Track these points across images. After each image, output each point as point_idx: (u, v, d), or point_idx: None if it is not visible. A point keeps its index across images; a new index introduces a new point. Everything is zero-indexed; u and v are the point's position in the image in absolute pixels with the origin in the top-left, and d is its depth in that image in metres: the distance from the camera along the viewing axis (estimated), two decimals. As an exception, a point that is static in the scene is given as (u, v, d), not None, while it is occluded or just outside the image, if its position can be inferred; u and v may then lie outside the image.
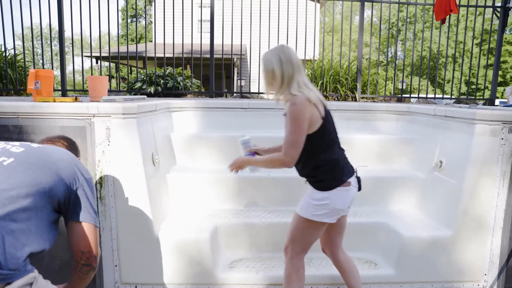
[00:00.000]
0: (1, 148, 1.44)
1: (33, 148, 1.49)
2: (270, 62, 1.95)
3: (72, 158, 1.57)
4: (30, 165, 1.39)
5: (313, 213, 1.98)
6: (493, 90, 5.19)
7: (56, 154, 1.51)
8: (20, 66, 5.44)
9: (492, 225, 2.67)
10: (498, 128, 2.60)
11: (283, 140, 1.91)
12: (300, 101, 1.86)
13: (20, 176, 1.34)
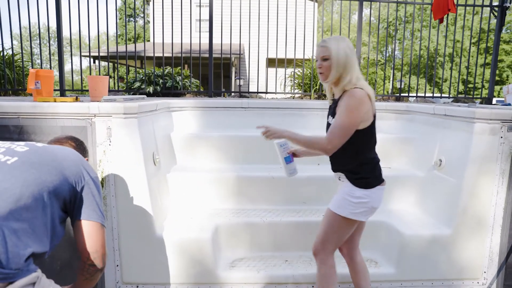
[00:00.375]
0: (5, 148, 1.43)
1: (37, 147, 1.48)
2: (341, 48, 1.89)
3: (78, 157, 1.56)
4: (33, 164, 1.38)
5: (352, 211, 1.95)
6: (491, 89, 5.22)
7: (61, 154, 1.50)
8: (18, 66, 5.42)
9: (491, 223, 2.68)
10: (497, 126, 2.62)
11: (330, 128, 1.89)
12: (360, 94, 1.84)
13: (24, 175, 1.33)
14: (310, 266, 2.73)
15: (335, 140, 1.85)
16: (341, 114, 1.85)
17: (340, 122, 1.84)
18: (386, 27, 4.30)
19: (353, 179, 1.96)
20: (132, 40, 20.25)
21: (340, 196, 2.01)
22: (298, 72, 6.57)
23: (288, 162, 2.11)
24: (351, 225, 2.00)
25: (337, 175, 2.09)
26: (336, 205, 2.01)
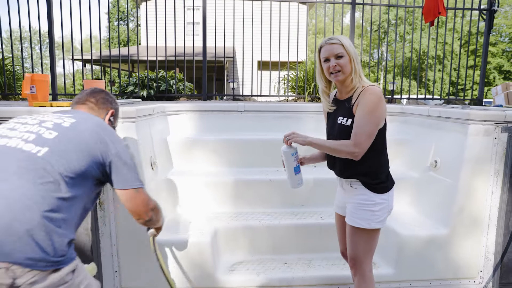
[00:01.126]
0: (35, 135, 1.41)
1: (65, 130, 1.46)
2: (351, 45, 1.83)
3: (102, 131, 1.54)
4: (64, 153, 1.38)
5: (377, 220, 1.88)
6: (481, 91, 5.32)
7: (87, 132, 1.49)
8: (8, 70, 5.34)
9: (486, 223, 2.73)
10: (491, 128, 2.67)
11: (355, 129, 1.79)
12: (379, 91, 1.78)
13: (56, 166, 1.35)
14: (309, 269, 2.74)
15: (363, 142, 1.76)
16: (364, 114, 1.77)
17: (365, 122, 1.76)
18: (378, 30, 4.37)
19: (372, 185, 1.87)
20: (123, 43, 20.09)
21: (356, 207, 1.91)
22: (291, 75, 6.60)
23: (297, 173, 2.01)
24: (378, 232, 1.95)
25: (348, 182, 1.96)
26: (358, 219, 1.90)
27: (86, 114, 1.63)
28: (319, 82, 1.98)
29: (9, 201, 1.21)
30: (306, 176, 3.10)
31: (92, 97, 1.77)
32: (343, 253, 2.27)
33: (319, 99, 5.21)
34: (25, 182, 1.26)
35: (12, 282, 1.15)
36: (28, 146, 1.35)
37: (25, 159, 1.32)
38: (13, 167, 1.29)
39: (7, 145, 1.35)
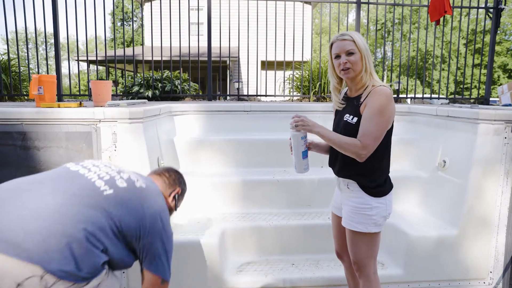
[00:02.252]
0: (110, 177, 1.53)
1: (134, 188, 1.55)
2: (363, 42, 1.77)
3: (161, 211, 1.59)
4: (124, 205, 1.47)
5: (374, 224, 1.84)
6: (487, 90, 5.28)
7: (149, 203, 1.56)
8: (14, 71, 5.35)
9: (496, 223, 2.70)
10: (501, 127, 2.64)
11: (363, 130, 1.73)
12: (389, 93, 1.73)
13: (110, 210, 1.43)
14: (317, 269, 2.72)
15: (370, 144, 1.71)
16: (373, 115, 1.71)
17: (373, 124, 1.71)
18: (384, 29, 4.34)
19: (369, 188, 1.83)
20: (127, 44, 20.15)
21: (352, 211, 1.87)
22: (296, 74, 6.58)
23: (305, 157, 1.94)
24: (378, 235, 1.90)
25: (345, 182, 1.91)
26: (354, 223, 1.86)
27: (157, 190, 1.69)
28: (331, 79, 1.93)
29: (61, 215, 1.30)
30: (312, 176, 3.13)
31: (167, 173, 1.92)
32: (338, 253, 2.23)
33: (325, 99, 5.20)
34: (80, 206, 1.36)
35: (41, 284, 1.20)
36: (99, 182, 1.47)
37: (91, 188, 1.44)
38: (78, 190, 1.41)
39: (85, 175, 1.49)
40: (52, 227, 1.26)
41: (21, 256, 1.19)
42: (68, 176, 1.49)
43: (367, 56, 1.78)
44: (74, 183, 1.45)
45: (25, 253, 1.20)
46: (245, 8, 4.79)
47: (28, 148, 2.42)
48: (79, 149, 2.43)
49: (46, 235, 1.24)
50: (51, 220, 1.28)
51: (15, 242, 1.20)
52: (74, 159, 2.43)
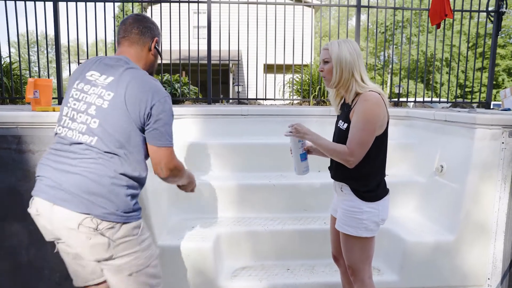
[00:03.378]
0: (86, 126, 1.57)
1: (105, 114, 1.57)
2: (343, 50, 1.80)
3: (151, 95, 1.59)
4: (111, 135, 1.55)
5: (365, 229, 1.83)
6: (489, 93, 5.24)
7: (128, 105, 1.57)
8: (16, 75, 5.39)
9: (494, 229, 2.67)
10: (499, 132, 2.61)
11: (349, 137, 1.76)
12: (375, 98, 1.75)
13: (110, 146, 1.55)
14: (312, 275, 2.70)
15: (357, 151, 1.73)
16: (358, 121, 1.74)
17: (359, 130, 1.73)
18: (384, 32, 4.33)
19: (360, 192, 1.84)
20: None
21: (344, 213, 1.88)
22: (296, 78, 6.58)
23: (303, 160, 2.01)
24: (372, 240, 1.90)
25: (339, 185, 1.94)
26: (346, 226, 1.87)
27: (123, 80, 1.61)
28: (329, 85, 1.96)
29: (91, 177, 1.51)
30: (309, 181, 3.11)
31: (135, 28, 1.74)
32: (335, 256, 2.22)
33: (325, 103, 5.18)
34: (101, 160, 1.53)
35: (97, 226, 1.50)
36: (84, 138, 1.55)
37: (90, 148, 1.55)
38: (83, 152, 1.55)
39: (76, 139, 1.57)
40: (92, 184, 1.51)
41: (74, 207, 1.48)
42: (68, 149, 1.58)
43: (339, 66, 1.79)
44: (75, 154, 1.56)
45: (76, 205, 1.48)
46: (245, 11, 4.80)
47: (23, 151, 2.43)
48: (73, 153, 2.43)
49: (87, 189, 1.50)
50: (90, 177, 1.52)
51: (69, 198, 1.49)
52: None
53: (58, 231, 1.55)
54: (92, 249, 1.53)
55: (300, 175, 2.07)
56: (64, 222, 1.50)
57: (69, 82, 1.71)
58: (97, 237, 1.51)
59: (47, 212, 1.53)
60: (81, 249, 1.56)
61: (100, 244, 1.52)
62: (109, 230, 1.52)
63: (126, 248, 1.58)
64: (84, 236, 1.50)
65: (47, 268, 2.51)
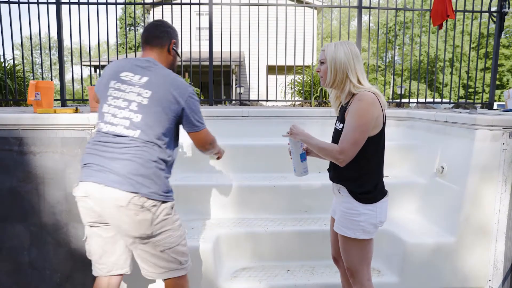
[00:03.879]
0: (129, 121, 1.79)
1: (147, 108, 1.80)
2: (338, 51, 1.82)
3: (177, 91, 1.84)
4: (151, 128, 1.79)
5: (364, 231, 1.83)
6: (491, 94, 5.21)
7: (163, 103, 1.82)
8: (19, 77, 5.44)
9: (495, 231, 2.66)
10: (499, 133, 2.60)
11: (342, 136, 1.77)
12: (369, 97, 1.75)
13: (152, 136, 1.78)
14: (312, 276, 2.70)
15: (347, 149, 1.73)
16: (351, 121, 1.75)
17: (350, 129, 1.74)
18: (386, 33, 4.32)
19: (356, 193, 1.83)
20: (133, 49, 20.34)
21: (342, 215, 1.89)
22: (298, 79, 6.58)
23: (303, 160, 2.02)
24: (370, 242, 1.89)
25: (337, 186, 1.95)
26: (343, 228, 1.87)
27: (156, 79, 1.84)
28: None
29: (138, 161, 1.74)
30: (309, 182, 3.11)
31: (154, 33, 1.98)
32: (335, 258, 2.22)
33: (326, 104, 5.18)
34: (145, 148, 1.76)
35: (143, 204, 1.72)
36: (128, 131, 1.77)
37: (134, 139, 1.78)
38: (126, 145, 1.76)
39: (119, 132, 1.78)
40: (138, 168, 1.74)
41: (125, 187, 1.70)
42: (114, 140, 1.79)
43: (333, 67, 1.82)
44: (121, 144, 1.77)
45: (126, 186, 1.70)
46: (247, 13, 4.81)
47: (24, 153, 2.45)
48: (74, 154, 2.45)
49: (136, 171, 1.73)
50: (138, 161, 1.74)
51: (119, 180, 1.70)
52: (70, 164, 2.45)
53: (107, 210, 1.74)
54: (138, 225, 1.75)
55: (300, 176, 2.08)
56: (115, 201, 1.70)
57: (103, 82, 1.90)
58: (143, 214, 1.74)
59: (97, 194, 1.72)
60: (128, 225, 1.74)
61: (145, 220, 1.75)
62: (153, 208, 1.76)
63: (163, 226, 1.82)
64: (132, 213, 1.72)
65: (48, 268, 2.53)
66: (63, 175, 2.46)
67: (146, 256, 1.86)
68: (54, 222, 2.49)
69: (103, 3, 4.61)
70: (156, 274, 1.91)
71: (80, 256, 2.53)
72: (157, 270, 1.89)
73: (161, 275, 1.91)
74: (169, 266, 1.89)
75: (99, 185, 1.71)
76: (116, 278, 1.97)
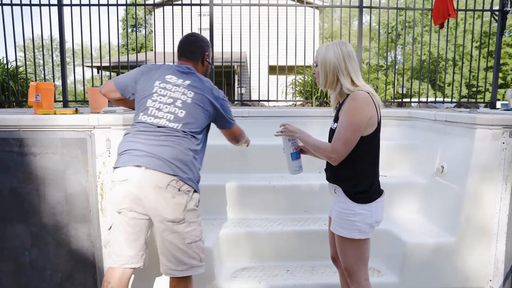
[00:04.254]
0: (173, 115, 2.03)
1: (190, 106, 2.07)
2: (329, 53, 1.83)
3: (212, 95, 2.14)
4: (191, 123, 2.04)
5: (360, 231, 1.82)
6: (494, 93, 5.19)
7: (204, 103, 2.11)
8: (22, 78, 5.48)
9: (496, 230, 2.65)
10: (499, 132, 2.59)
11: (335, 135, 1.78)
12: (363, 96, 1.75)
13: (191, 129, 2.04)
14: (312, 276, 2.70)
15: (339, 148, 1.74)
16: (343, 120, 1.76)
17: (342, 128, 1.75)
18: (387, 33, 4.32)
19: (351, 193, 1.83)
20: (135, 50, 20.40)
21: (338, 215, 1.89)
22: (299, 79, 6.58)
23: (294, 159, 2.03)
24: (366, 242, 1.89)
25: (332, 186, 1.95)
26: (339, 228, 1.87)
27: (196, 84, 2.12)
28: None
29: (178, 148, 1.96)
30: (310, 182, 3.11)
31: (189, 48, 2.24)
32: (333, 258, 2.22)
33: (327, 104, 5.17)
34: (185, 139, 2.00)
35: (180, 187, 1.92)
36: (171, 124, 2.00)
37: (176, 130, 2.02)
38: (171, 133, 1.99)
39: (163, 124, 2.00)
40: (179, 156, 1.95)
41: (166, 170, 1.89)
42: (156, 130, 2.00)
43: (324, 69, 1.85)
44: (163, 133, 1.98)
45: (167, 168, 1.89)
46: (248, 13, 4.82)
47: (25, 154, 2.47)
48: (74, 155, 2.46)
49: (176, 156, 1.94)
50: (178, 148, 1.97)
51: (161, 164, 1.89)
52: (70, 165, 2.47)
53: (146, 191, 1.88)
54: (174, 207, 1.91)
55: (293, 174, 2.09)
56: (155, 183, 1.88)
57: (146, 82, 2.11)
58: (179, 197, 1.92)
59: (137, 176, 1.89)
60: (164, 208, 1.90)
61: (180, 204, 1.93)
62: (188, 193, 1.96)
63: (192, 216, 2.00)
64: (169, 195, 1.89)
65: (49, 269, 2.54)
66: (63, 176, 2.48)
67: (172, 249, 1.97)
68: (55, 223, 2.50)
69: (105, 4, 4.64)
70: (178, 271, 2.00)
71: (81, 256, 2.54)
72: (179, 267, 1.99)
73: (183, 272, 2.00)
74: (191, 263, 2.01)
75: (140, 168, 1.89)
76: (130, 270, 2.04)
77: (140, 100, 2.08)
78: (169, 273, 2.02)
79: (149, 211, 1.93)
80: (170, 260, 1.99)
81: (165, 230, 1.94)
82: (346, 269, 1.96)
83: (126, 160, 1.93)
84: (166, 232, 1.95)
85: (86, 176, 2.48)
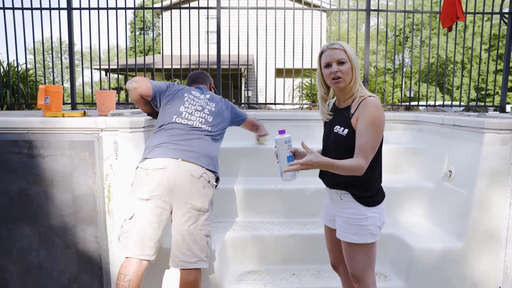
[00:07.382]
0: (204, 119, 2.46)
1: (215, 113, 2.54)
2: (353, 52, 1.78)
3: (227, 106, 2.71)
4: (215, 126, 2.49)
5: (371, 234, 1.81)
6: (503, 96, 5.13)
7: (223, 111, 2.63)
8: (32, 81, 5.55)
9: (504, 236, 2.61)
10: (508, 137, 2.56)
11: (361, 145, 1.70)
12: (378, 103, 1.75)
13: (215, 131, 2.48)
14: (318, 280, 2.69)
15: (369, 159, 1.70)
16: (368, 128, 1.70)
17: (370, 137, 1.70)
18: (394, 35, 4.30)
19: (363, 198, 1.80)
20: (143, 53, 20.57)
21: (347, 222, 1.85)
22: (306, 82, 6.57)
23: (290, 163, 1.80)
24: (374, 245, 1.87)
25: (338, 193, 1.88)
26: (350, 234, 1.83)
27: (213, 98, 2.64)
28: (319, 89, 1.92)
29: (209, 146, 2.37)
30: (316, 186, 3.10)
31: (201, 79, 2.80)
32: (334, 265, 2.20)
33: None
34: (213, 139, 2.43)
35: (209, 180, 2.26)
36: (204, 126, 2.41)
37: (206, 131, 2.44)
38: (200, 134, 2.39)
39: (196, 126, 2.40)
40: (206, 153, 2.31)
41: (199, 162, 2.23)
42: (189, 130, 2.36)
43: (356, 67, 1.79)
44: (195, 133, 2.36)
45: (200, 161, 2.24)
46: (255, 17, 4.83)
47: (33, 156, 2.50)
48: (81, 157, 2.49)
49: (207, 151, 2.32)
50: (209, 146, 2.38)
51: (196, 156, 2.23)
52: (77, 167, 2.49)
53: (180, 179, 2.14)
54: (203, 197, 2.19)
55: (287, 181, 1.85)
56: (190, 172, 2.17)
57: (176, 93, 2.49)
58: (208, 188, 2.24)
59: (174, 166, 2.15)
60: (194, 196, 2.16)
61: (208, 195, 2.23)
62: (214, 186, 2.31)
63: (211, 210, 2.30)
64: (201, 185, 2.19)
65: (56, 269, 2.57)
66: (71, 178, 2.50)
67: (188, 240, 2.16)
68: (62, 224, 2.53)
69: (113, 8, 4.68)
70: (189, 263, 2.15)
71: (88, 258, 2.56)
72: (191, 258, 2.15)
73: (192, 264, 2.16)
74: (201, 256, 2.19)
75: (177, 160, 2.17)
76: (146, 263, 2.15)
77: (171, 106, 2.41)
78: (180, 265, 2.16)
79: (179, 200, 2.14)
80: (183, 252, 2.15)
81: (190, 218, 2.15)
82: (353, 275, 1.93)
83: (162, 152, 2.19)
84: (189, 222, 2.15)
85: (93, 178, 2.50)
